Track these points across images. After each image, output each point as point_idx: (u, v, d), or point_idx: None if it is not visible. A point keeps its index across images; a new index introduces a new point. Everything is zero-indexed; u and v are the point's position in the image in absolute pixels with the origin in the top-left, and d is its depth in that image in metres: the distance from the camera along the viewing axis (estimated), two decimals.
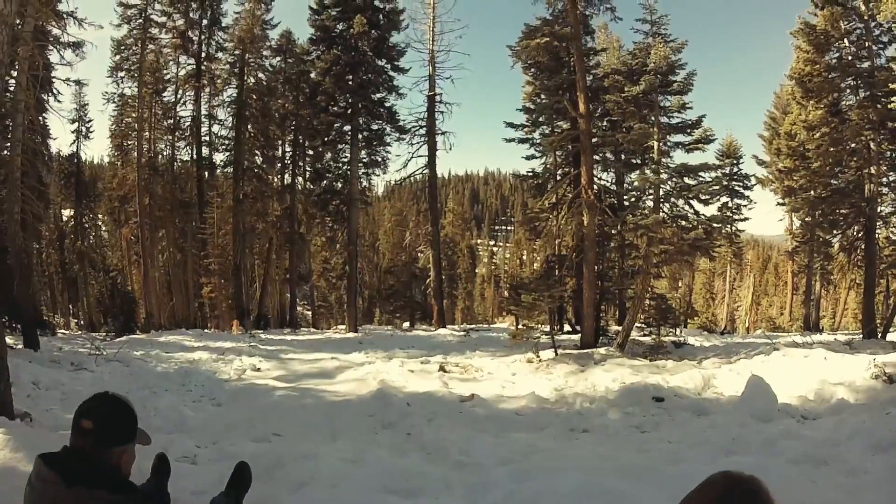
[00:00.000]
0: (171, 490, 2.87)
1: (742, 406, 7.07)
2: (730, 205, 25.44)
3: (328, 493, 3.45)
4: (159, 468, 3.28)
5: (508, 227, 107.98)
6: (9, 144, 14.40)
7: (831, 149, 16.86)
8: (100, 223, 36.30)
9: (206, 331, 21.40)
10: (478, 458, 5.16)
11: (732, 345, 14.63)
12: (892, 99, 14.17)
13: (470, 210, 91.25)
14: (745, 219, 26.31)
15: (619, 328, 16.18)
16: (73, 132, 31.17)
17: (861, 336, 14.92)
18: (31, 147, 16.70)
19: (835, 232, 19.09)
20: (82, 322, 33.21)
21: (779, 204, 26.30)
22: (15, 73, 13.56)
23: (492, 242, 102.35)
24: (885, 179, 16.34)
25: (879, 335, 15.01)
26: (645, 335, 14.42)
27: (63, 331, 25.01)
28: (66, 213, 34.17)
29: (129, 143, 29.35)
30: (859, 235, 17.07)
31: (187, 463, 4.63)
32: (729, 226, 25.05)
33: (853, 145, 16.40)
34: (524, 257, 55.36)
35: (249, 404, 8.56)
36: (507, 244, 79.87)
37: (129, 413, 2.18)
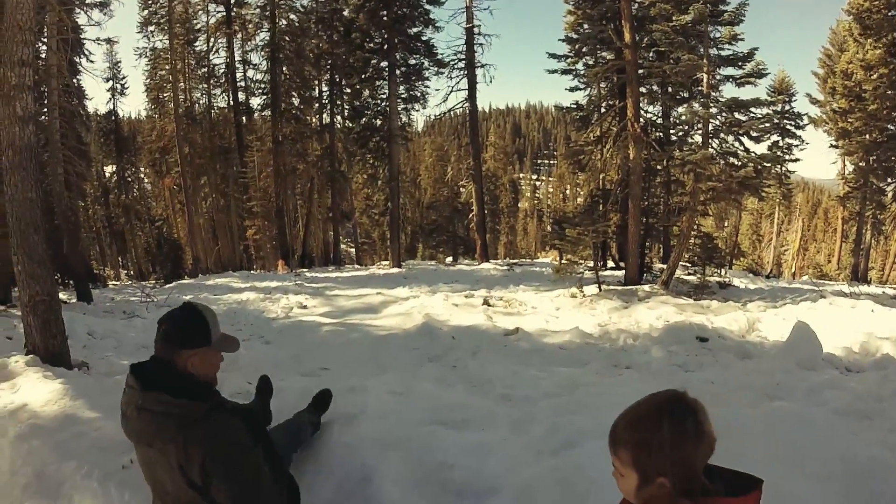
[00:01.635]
0: None
1: (786, 352, 6.93)
2: (780, 144, 24.30)
3: (378, 425, 3.53)
4: (262, 388, 3.81)
5: (551, 161, 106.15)
6: (45, 110, 14.79)
7: (889, 91, 15.76)
8: (142, 176, 37.38)
9: (252, 272, 21.98)
10: (522, 392, 5.21)
11: (778, 289, 14.30)
12: None
13: (512, 144, 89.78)
14: (796, 160, 25.20)
15: (664, 266, 15.95)
16: (108, 90, 31.97)
17: None
18: (67, 109, 17.13)
19: (889, 180, 18.04)
20: (132, 272, 34.62)
21: (832, 146, 24.85)
22: (45, 39, 13.75)
23: (534, 176, 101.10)
24: None
25: None
26: (690, 274, 14.21)
27: (114, 282, 26.09)
28: (109, 169, 35.25)
29: (165, 95, 29.70)
30: None
31: (240, 398, 4.80)
32: (779, 166, 23.96)
33: None
34: (567, 191, 54.64)
35: (297, 341, 8.80)
36: (550, 178, 78.55)
37: (198, 318, 2.37)
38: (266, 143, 26.22)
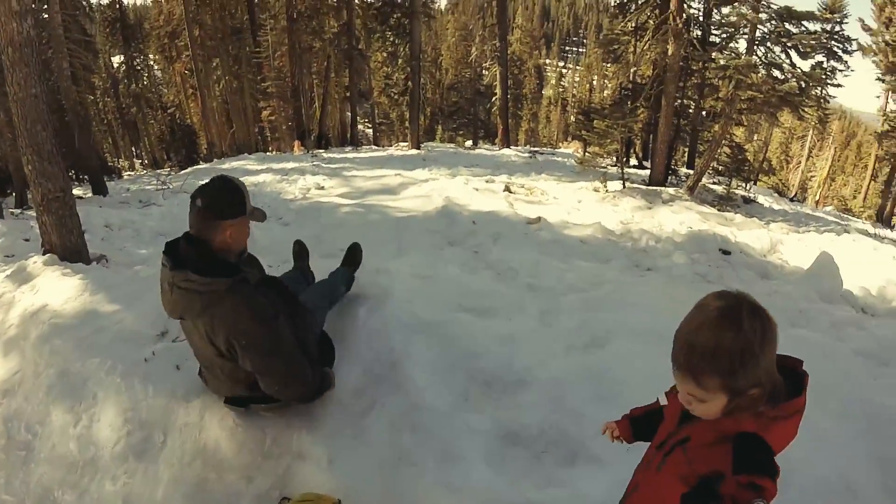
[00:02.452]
0: None
1: (808, 280, 6.77)
2: (825, 66, 22.79)
3: (404, 309, 3.45)
4: (299, 253, 3.88)
5: (580, 49, 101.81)
6: (45, 6, 14.10)
7: None
8: (152, 63, 36.19)
9: (267, 154, 21.66)
10: (547, 283, 5.14)
11: (802, 214, 14.02)
12: None
13: (539, 28, 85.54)
14: (838, 85, 23.47)
15: (689, 171, 15.54)
16: None
17: None
18: (69, 1, 16.14)
19: None
20: (146, 161, 34.36)
21: (878, 79, 23.48)
22: None
23: (561, 64, 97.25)
24: None
25: None
26: (715, 183, 13.88)
27: (129, 173, 25.91)
28: (117, 59, 34.03)
29: None
30: None
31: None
32: (821, 87, 22.65)
33: None
34: (594, 82, 52.65)
35: (316, 222, 8.71)
36: (578, 67, 75.43)
37: (235, 189, 2.43)
38: (280, 20, 24.92)
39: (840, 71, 22.77)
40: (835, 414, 2.93)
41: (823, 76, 16.96)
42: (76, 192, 12.07)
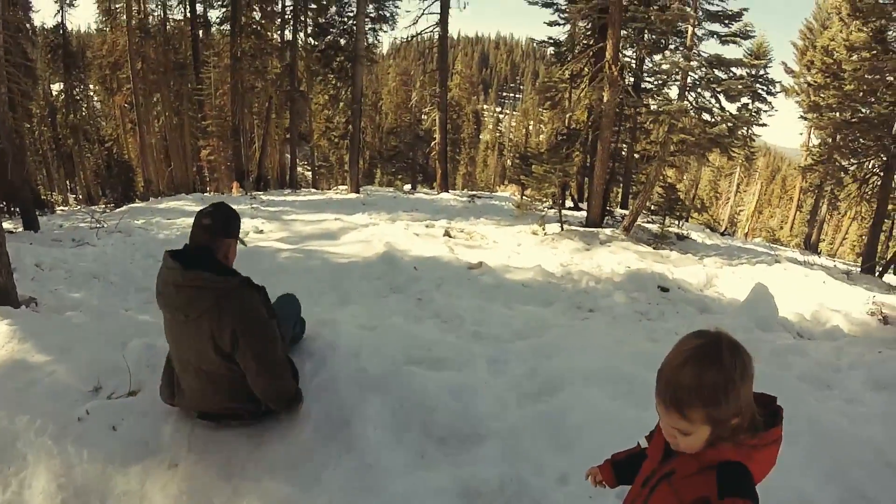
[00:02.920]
0: None
1: (745, 311, 7.06)
2: (750, 107, 24.37)
3: (352, 364, 3.34)
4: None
5: (516, 95, 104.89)
6: None
7: (868, 76, 15.80)
8: (91, 94, 34.94)
9: (205, 194, 21.14)
10: (494, 330, 5.13)
11: (734, 247, 14.65)
12: None
13: (478, 74, 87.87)
14: (763, 125, 25.50)
15: (623, 211, 16.06)
16: (56, 1, 29.08)
17: (859, 269, 14.89)
18: (11, 22, 15.60)
19: (852, 160, 18.43)
20: (80, 197, 32.85)
21: (801, 117, 25.26)
22: None
23: (498, 109, 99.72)
24: None
25: (877, 273, 14.96)
26: (650, 222, 14.35)
27: (62, 208, 24.71)
28: (56, 87, 32.75)
29: (117, 6, 27.50)
30: (877, 170, 16.53)
31: None
32: (747, 128, 24.20)
33: (891, 78, 15.33)
34: (531, 127, 54.22)
35: (254, 267, 8.35)
36: (514, 112, 77.58)
37: (233, 212, 2.89)
38: (224, 59, 24.73)
39: (765, 111, 24.40)
40: (787, 439, 2.98)
41: (750, 117, 18.06)
42: (6, 225, 11.31)
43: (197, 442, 2.89)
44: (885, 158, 15.70)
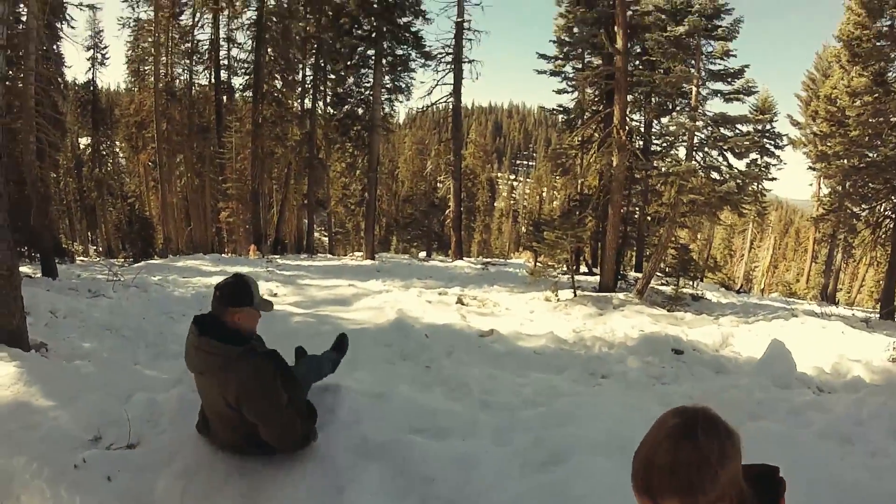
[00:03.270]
0: (186, 423, 3.29)
1: (762, 369, 6.93)
2: (759, 162, 24.59)
3: (352, 431, 3.32)
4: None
5: (530, 163, 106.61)
6: (22, 75, 14.11)
7: (872, 119, 16.04)
8: (117, 150, 36.29)
9: (223, 255, 21.48)
10: (502, 398, 5.04)
11: (750, 305, 14.46)
12: None
13: (492, 142, 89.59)
14: (773, 178, 25.52)
15: (637, 274, 15.99)
16: (88, 59, 30.91)
17: (878, 316, 14.61)
18: (45, 76, 16.42)
19: (864, 206, 18.43)
20: (101, 249, 33.69)
21: (810, 168, 25.61)
22: (25, 0, 13.13)
23: (512, 177, 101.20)
24: None
25: None
26: (663, 284, 14.25)
27: (82, 258, 25.30)
28: (84, 140, 34.24)
29: (146, 68, 28.90)
30: (888, 213, 16.55)
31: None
32: (757, 183, 24.35)
33: (895, 119, 15.58)
34: (544, 194, 54.79)
35: (267, 330, 8.27)
36: (528, 179, 78.63)
37: (243, 285, 3.17)
38: (245, 124, 25.63)
39: (774, 165, 24.56)
40: (805, 497, 2.90)
41: (759, 173, 18.16)
42: (25, 269, 11.53)
43: (189, 500, 2.87)
44: (895, 200, 15.62)
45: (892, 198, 15.95)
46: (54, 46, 20.95)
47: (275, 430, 3.04)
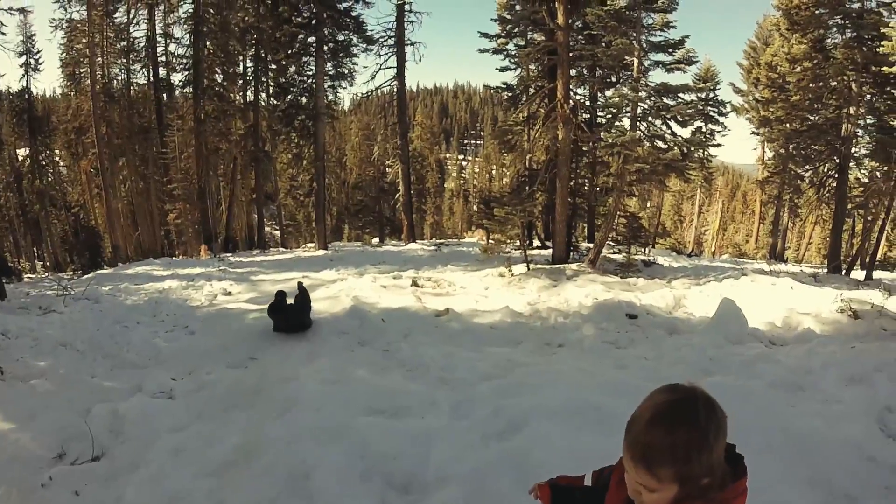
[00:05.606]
0: (148, 430, 3.18)
1: (714, 327, 7.22)
2: (704, 130, 25.28)
3: (313, 417, 3.37)
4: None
5: (478, 142, 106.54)
6: None
7: (812, 84, 16.65)
8: (57, 159, 34.57)
9: (174, 258, 20.91)
10: (460, 374, 5.14)
11: (701, 267, 14.90)
12: (881, 43, 13.82)
13: (439, 124, 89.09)
14: (718, 145, 26.38)
15: (589, 245, 16.29)
16: (21, 66, 29.08)
17: (825, 270, 15.29)
18: None
19: (807, 167, 19.21)
20: (48, 263, 32.24)
21: (753, 133, 26.58)
22: None
23: (461, 157, 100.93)
24: (861, 122, 16.24)
25: (843, 271, 15.44)
26: (615, 252, 14.57)
27: (29, 275, 24.22)
28: (21, 152, 32.54)
29: (82, 70, 27.56)
30: (831, 173, 17.20)
31: (164, 398, 4.49)
32: (702, 150, 25.05)
33: (834, 84, 16.16)
34: (493, 172, 55.14)
35: (223, 329, 8.38)
36: (477, 158, 78.63)
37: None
38: (187, 121, 24.80)
39: (718, 132, 25.34)
40: (761, 449, 3.04)
41: (703, 140, 18.66)
42: None
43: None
44: (837, 161, 16.39)
45: (834, 158, 16.59)
46: None
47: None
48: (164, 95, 26.83)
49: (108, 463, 3.22)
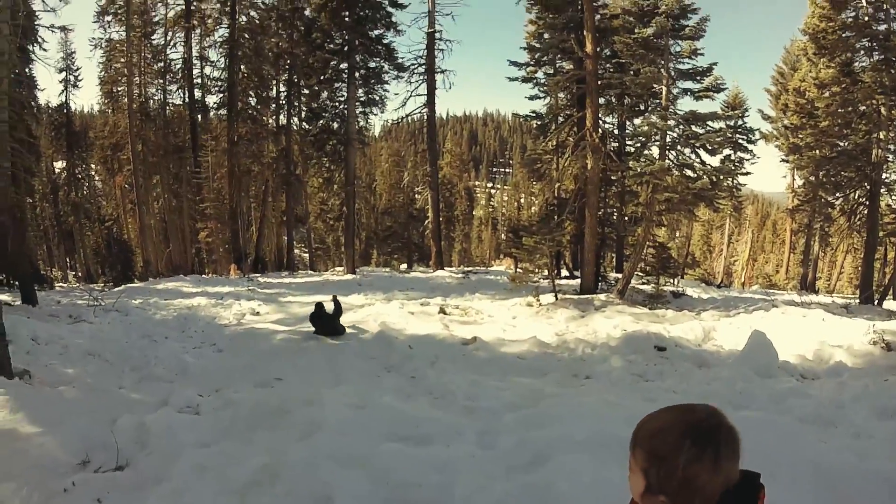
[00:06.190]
0: (173, 444, 2.91)
1: (743, 360, 7.08)
2: (732, 157, 25.00)
3: (337, 442, 3.36)
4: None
5: (507, 170, 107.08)
6: None
7: (840, 109, 16.39)
8: (93, 173, 35.66)
9: (203, 276, 21.30)
10: (485, 404, 5.09)
11: (730, 298, 14.63)
12: None
13: (468, 151, 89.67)
14: (747, 173, 25.89)
15: (618, 275, 16.13)
16: (60, 82, 30.46)
17: (857, 301, 14.89)
18: (17, 100, 16.14)
19: (837, 194, 18.79)
20: (80, 274, 33.08)
21: (782, 161, 26.08)
22: None
23: (490, 184, 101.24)
24: (892, 146, 15.91)
25: (876, 302, 15.00)
26: (644, 283, 14.38)
27: (61, 284, 24.90)
28: (59, 164, 33.67)
29: (119, 89, 28.51)
30: (862, 200, 16.83)
31: (190, 413, 4.52)
32: (731, 179, 24.74)
33: (863, 108, 15.88)
34: (522, 200, 55.17)
35: (250, 349, 8.48)
36: (505, 186, 78.84)
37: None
38: (221, 142, 25.47)
39: (747, 160, 24.91)
40: (787, 483, 2.97)
41: (732, 168, 18.45)
42: (4, 297, 11.36)
43: None
44: (868, 187, 15.99)
45: (865, 185, 16.21)
46: (26, 69, 20.69)
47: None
48: (199, 116, 27.51)
49: (132, 473, 3.25)
